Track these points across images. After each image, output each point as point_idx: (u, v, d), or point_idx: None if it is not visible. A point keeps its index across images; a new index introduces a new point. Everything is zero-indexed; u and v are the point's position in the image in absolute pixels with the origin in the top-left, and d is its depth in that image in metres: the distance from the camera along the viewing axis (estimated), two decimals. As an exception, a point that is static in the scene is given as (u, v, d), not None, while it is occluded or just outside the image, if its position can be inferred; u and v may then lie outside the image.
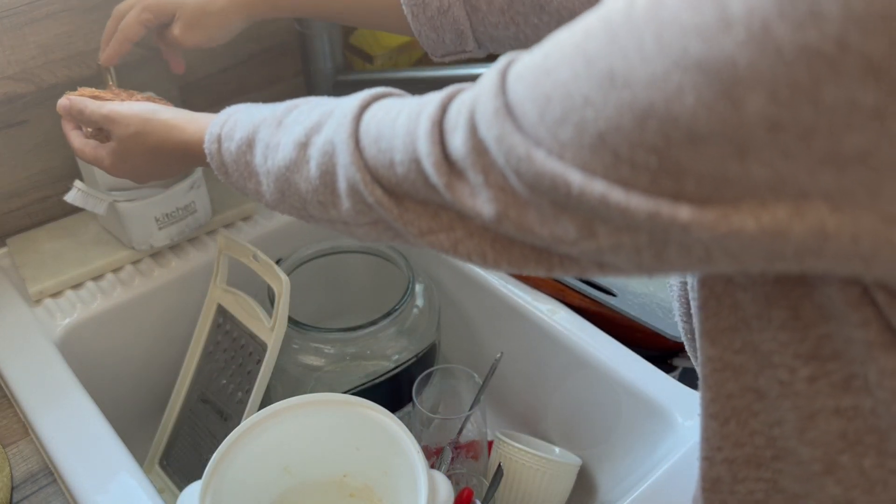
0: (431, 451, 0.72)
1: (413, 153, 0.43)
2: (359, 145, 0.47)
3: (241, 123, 0.56)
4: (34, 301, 0.76)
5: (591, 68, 0.33)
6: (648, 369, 0.69)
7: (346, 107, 0.49)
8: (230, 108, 0.59)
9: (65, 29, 0.76)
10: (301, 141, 0.50)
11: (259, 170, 0.54)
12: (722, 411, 0.44)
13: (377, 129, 0.46)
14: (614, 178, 0.33)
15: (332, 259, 0.83)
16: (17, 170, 0.79)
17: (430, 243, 0.46)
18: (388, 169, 0.45)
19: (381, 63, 0.91)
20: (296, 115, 0.53)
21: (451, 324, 0.86)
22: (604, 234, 0.36)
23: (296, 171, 0.51)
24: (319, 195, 0.50)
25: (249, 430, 0.58)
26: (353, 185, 0.47)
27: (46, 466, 0.63)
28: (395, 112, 0.45)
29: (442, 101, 0.43)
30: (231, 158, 0.56)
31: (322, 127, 0.50)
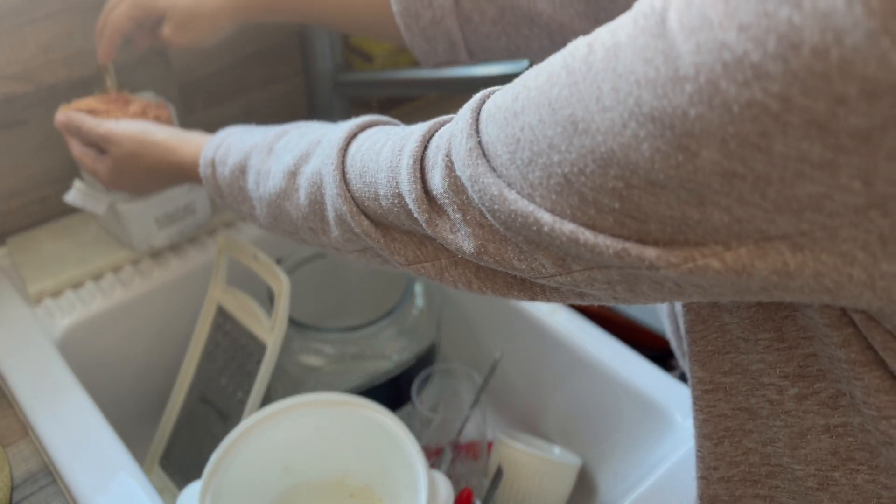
0: (431, 451, 0.72)
1: (395, 188, 0.44)
2: (345, 177, 0.48)
3: (234, 149, 0.57)
4: (34, 301, 0.76)
5: (556, 115, 0.34)
6: (648, 369, 0.69)
7: (333, 137, 0.50)
8: (223, 132, 0.60)
9: (65, 29, 0.76)
10: (290, 170, 0.52)
11: (252, 195, 0.56)
12: (715, 431, 0.45)
13: (362, 161, 0.47)
14: (581, 219, 0.34)
15: (332, 259, 0.83)
16: (17, 170, 0.79)
17: (417, 271, 0.47)
18: (373, 201, 0.46)
19: (381, 63, 0.91)
20: (285, 142, 0.54)
21: (451, 324, 0.86)
22: (577, 269, 0.37)
23: (286, 198, 0.53)
24: (309, 222, 0.52)
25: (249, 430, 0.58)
26: (340, 215, 0.49)
27: (46, 466, 0.63)
28: (380, 145, 0.46)
29: (423, 137, 0.44)
30: (225, 183, 0.58)
31: (310, 156, 0.51)
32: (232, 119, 0.93)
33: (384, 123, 0.51)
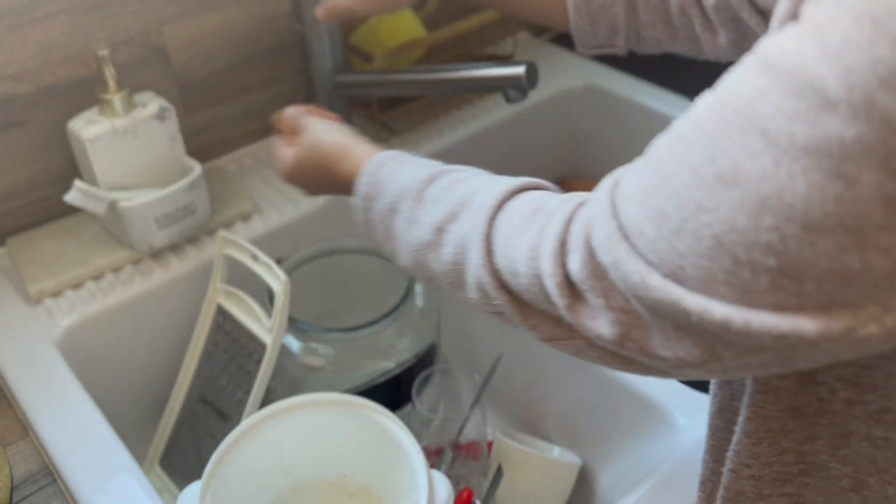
0: (431, 451, 0.72)
1: (536, 269, 0.44)
2: (489, 248, 0.48)
3: (386, 188, 0.58)
4: (34, 301, 0.76)
5: (700, 176, 0.33)
6: (648, 369, 0.69)
7: (483, 203, 0.50)
8: (374, 164, 0.60)
9: (64, 29, 0.76)
10: (438, 225, 0.52)
11: (399, 238, 0.56)
12: (756, 431, 0.45)
13: (507, 236, 0.47)
14: (734, 289, 0.33)
15: (332, 259, 0.83)
16: (17, 169, 0.79)
17: (554, 346, 0.47)
18: (513, 277, 0.47)
19: (381, 63, 0.91)
20: (435, 191, 0.54)
21: (451, 324, 0.86)
22: (728, 356, 0.36)
23: (430, 251, 0.53)
24: (449, 278, 0.52)
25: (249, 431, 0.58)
26: (480, 284, 0.49)
27: (46, 466, 0.63)
28: (527, 221, 0.47)
29: (566, 220, 0.43)
30: (377, 219, 0.58)
31: (458, 217, 0.52)
32: (232, 119, 0.93)
33: (535, 188, 0.51)
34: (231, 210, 0.85)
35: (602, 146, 1.09)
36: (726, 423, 0.48)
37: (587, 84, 1.09)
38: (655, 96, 1.04)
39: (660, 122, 1.08)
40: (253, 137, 0.97)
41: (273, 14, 0.91)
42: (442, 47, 1.00)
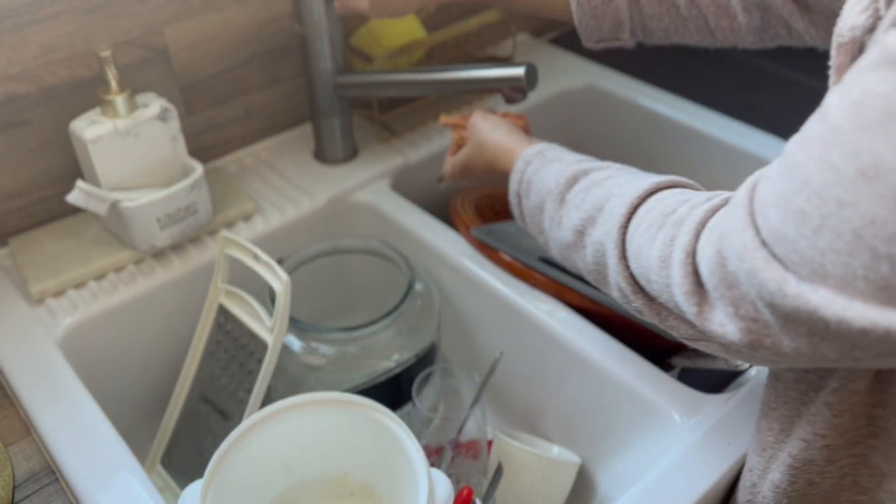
0: (431, 450, 0.72)
1: (666, 278, 0.46)
2: (624, 255, 0.51)
3: (534, 188, 0.63)
4: (36, 301, 0.76)
5: (840, 174, 0.35)
6: (647, 368, 0.69)
7: (615, 211, 0.53)
8: (522, 162, 0.65)
9: (66, 29, 0.77)
10: (578, 229, 0.57)
11: (548, 234, 0.62)
12: (840, 404, 0.47)
13: (638, 244, 0.50)
14: (873, 285, 0.34)
15: (333, 259, 0.84)
16: (19, 170, 0.80)
17: (695, 346, 0.49)
18: (646, 283, 0.49)
19: (381, 64, 0.91)
20: (574, 194, 0.58)
21: (451, 323, 0.86)
22: (867, 357, 0.37)
23: (574, 251, 0.58)
24: (594, 277, 0.57)
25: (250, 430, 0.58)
26: (619, 287, 0.52)
27: (48, 465, 0.63)
28: (656, 228, 0.49)
29: (695, 230, 0.45)
30: (528, 214, 0.64)
31: (595, 222, 0.55)
32: (234, 120, 0.94)
33: (668, 187, 0.53)
34: (232, 210, 0.85)
35: (602, 147, 1.09)
36: (800, 395, 0.50)
37: (586, 85, 1.09)
38: (654, 97, 1.04)
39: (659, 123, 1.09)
40: (254, 138, 0.97)
41: (274, 15, 0.91)
42: (442, 48, 1.01)
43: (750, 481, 0.56)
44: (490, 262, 0.81)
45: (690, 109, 1.01)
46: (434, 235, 0.85)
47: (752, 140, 0.95)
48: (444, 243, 0.84)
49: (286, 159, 0.95)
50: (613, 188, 0.55)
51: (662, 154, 1.00)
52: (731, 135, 0.96)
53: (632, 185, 0.53)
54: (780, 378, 0.52)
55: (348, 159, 0.94)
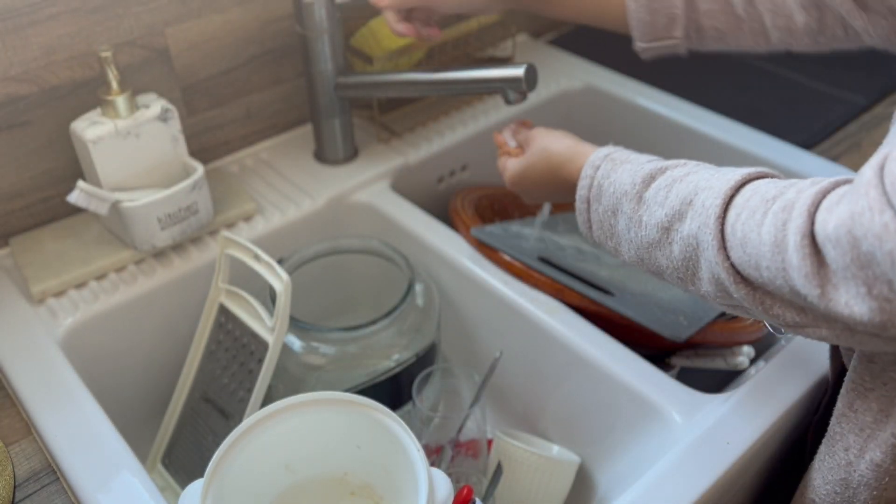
0: (432, 449, 0.73)
1: (781, 263, 0.46)
2: (724, 246, 0.50)
3: (606, 192, 0.61)
4: (37, 301, 0.76)
5: None
6: (646, 368, 0.69)
7: (708, 202, 0.52)
8: (591, 167, 0.64)
9: (67, 30, 0.77)
10: (664, 225, 0.55)
11: (622, 237, 0.60)
12: None
13: (743, 233, 0.49)
14: None
15: (333, 259, 0.84)
16: (20, 170, 0.80)
17: (795, 333, 0.49)
18: (754, 270, 0.48)
19: (381, 65, 0.92)
20: (654, 192, 0.57)
21: (450, 323, 0.86)
22: None
23: (657, 249, 0.56)
24: (679, 273, 0.55)
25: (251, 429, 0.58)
26: (717, 278, 0.51)
27: (49, 465, 0.64)
28: (760, 215, 0.48)
29: (809, 212, 0.45)
30: (597, 219, 0.62)
31: (684, 217, 0.54)
32: (234, 121, 0.94)
33: (757, 177, 0.52)
34: (233, 210, 0.85)
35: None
36: None
37: (586, 85, 1.09)
38: (653, 97, 1.04)
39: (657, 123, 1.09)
40: (255, 138, 0.97)
41: (275, 16, 0.91)
42: (442, 49, 1.01)
43: (845, 460, 0.56)
44: (490, 262, 0.81)
45: (690, 110, 1.01)
46: (434, 235, 0.85)
47: (752, 140, 0.95)
48: (444, 243, 0.84)
49: (287, 160, 0.95)
50: (700, 182, 0.54)
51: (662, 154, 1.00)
52: (730, 135, 0.96)
53: (721, 178, 0.53)
54: (874, 359, 0.53)
55: (349, 160, 0.94)
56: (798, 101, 1.06)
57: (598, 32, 1.24)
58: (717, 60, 1.15)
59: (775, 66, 1.13)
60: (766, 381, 0.67)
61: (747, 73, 1.12)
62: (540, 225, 0.87)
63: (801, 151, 0.93)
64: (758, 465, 0.67)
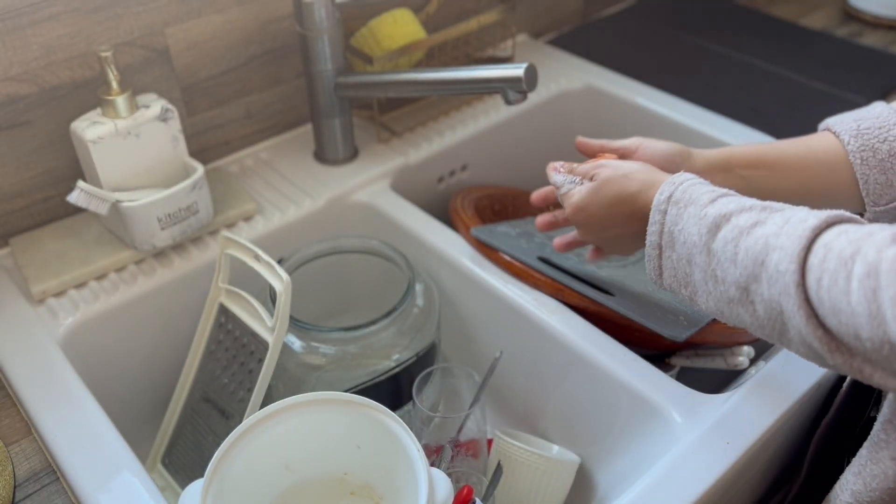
0: (431, 449, 0.73)
1: (884, 335, 0.43)
2: (815, 314, 0.47)
3: (678, 240, 0.58)
4: (37, 300, 0.76)
5: None
6: (646, 368, 0.69)
7: (782, 265, 0.49)
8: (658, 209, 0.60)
9: (67, 30, 0.77)
10: (741, 285, 0.52)
11: (698, 287, 0.57)
12: None
13: (831, 302, 0.46)
14: None
15: (333, 259, 0.84)
16: (20, 170, 0.80)
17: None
18: (854, 339, 0.45)
19: (381, 65, 0.92)
20: (722, 245, 0.54)
21: (450, 323, 0.86)
22: None
23: (739, 306, 0.53)
24: (766, 331, 0.53)
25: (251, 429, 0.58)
26: (808, 344, 0.48)
27: (49, 465, 0.64)
28: (844, 281, 0.45)
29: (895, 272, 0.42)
30: (670, 266, 0.59)
31: (760, 279, 0.51)
32: (234, 121, 0.94)
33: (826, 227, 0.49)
34: (233, 210, 0.85)
35: (601, 147, 1.09)
36: None
37: (586, 85, 1.09)
38: (653, 98, 1.04)
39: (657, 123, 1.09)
40: (255, 138, 0.97)
41: (274, 16, 0.91)
42: (442, 49, 1.01)
43: (893, 469, 0.55)
44: (490, 262, 0.81)
45: (690, 110, 1.01)
46: (434, 235, 0.85)
47: (752, 140, 0.95)
48: (444, 243, 0.84)
49: (287, 160, 0.95)
50: (769, 239, 0.50)
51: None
52: (731, 135, 0.96)
53: (789, 232, 0.49)
54: None
55: (349, 160, 0.94)
56: (798, 101, 1.06)
57: (598, 32, 1.25)
58: (717, 61, 1.15)
59: (775, 65, 1.13)
60: (766, 381, 0.67)
61: (747, 73, 1.12)
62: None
63: (801, 151, 0.93)
64: (758, 465, 0.67)
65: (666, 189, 0.60)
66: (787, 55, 1.16)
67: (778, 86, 1.09)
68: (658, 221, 0.59)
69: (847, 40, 1.20)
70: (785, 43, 1.19)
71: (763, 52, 1.16)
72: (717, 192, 0.58)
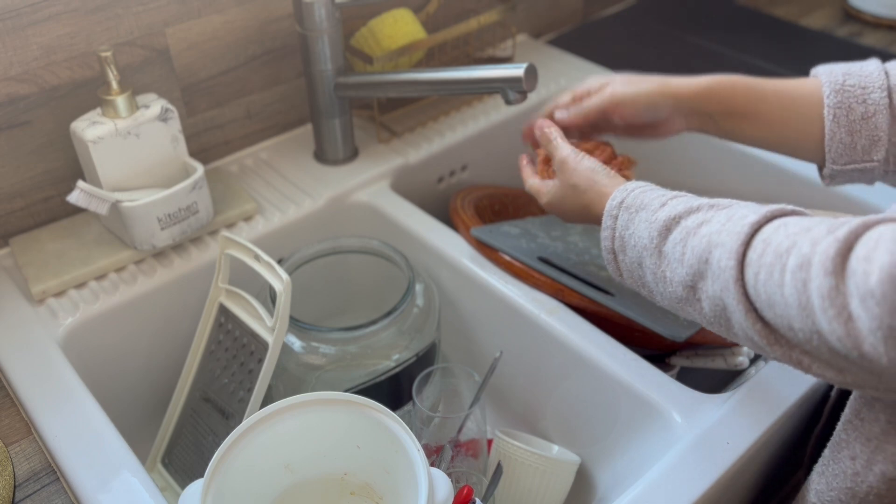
0: (431, 449, 0.73)
1: (813, 326, 0.44)
2: (753, 308, 0.49)
3: (628, 244, 0.60)
4: (37, 301, 0.76)
5: None
6: (646, 368, 0.69)
7: (723, 261, 0.50)
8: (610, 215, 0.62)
9: (67, 30, 0.77)
10: (688, 284, 0.54)
11: (652, 288, 0.59)
12: None
13: (766, 294, 0.47)
14: None
15: (333, 259, 0.84)
16: (20, 170, 0.80)
17: (840, 386, 0.48)
18: (788, 331, 0.47)
19: (381, 65, 0.92)
20: (672, 247, 0.56)
21: (450, 323, 0.86)
22: None
23: (688, 305, 0.55)
24: (714, 327, 0.54)
25: (251, 429, 0.58)
26: (750, 338, 0.50)
27: (49, 465, 0.64)
28: (778, 273, 0.46)
29: (831, 268, 0.42)
30: (626, 268, 0.62)
31: (704, 276, 0.52)
32: (234, 121, 0.94)
33: (766, 222, 0.50)
34: (233, 210, 0.85)
35: (601, 147, 1.09)
36: None
37: (586, 85, 1.09)
38: (654, 97, 1.04)
39: (658, 124, 1.08)
40: (255, 138, 0.97)
41: (274, 16, 0.91)
42: (442, 49, 1.01)
43: (852, 469, 0.55)
44: (490, 262, 0.81)
45: (690, 110, 1.01)
46: (434, 235, 0.85)
47: (752, 140, 0.95)
48: (444, 243, 0.84)
49: (287, 160, 0.95)
50: (712, 237, 0.52)
51: (661, 155, 1.00)
52: (730, 135, 0.96)
53: (730, 229, 0.51)
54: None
55: (348, 160, 0.94)
56: (798, 101, 1.06)
57: (598, 32, 1.25)
58: (717, 61, 1.15)
59: (775, 65, 1.13)
60: (766, 381, 0.67)
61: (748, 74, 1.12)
62: (540, 224, 0.87)
63: (801, 151, 0.93)
64: (758, 465, 0.67)
65: (618, 195, 0.62)
66: (787, 55, 1.16)
67: (778, 86, 1.09)
68: (610, 227, 0.62)
69: (847, 40, 1.20)
70: (785, 43, 1.19)
71: (763, 52, 1.16)
72: (668, 195, 0.60)
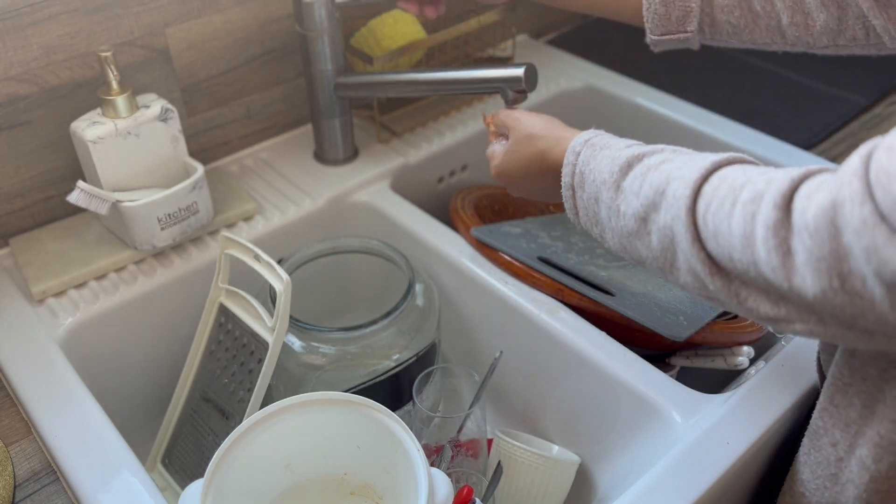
0: (431, 449, 0.73)
1: (751, 256, 0.45)
2: (699, 237, 0.50)
3: (587, 179, 0.60)
4: (37, 301, 0.76)
5: None
6: (646, 368, 0.69)
7: (678, 191, 0.51)
8: (573, 154, 0.62)
9: (67, 30, 0.77)
10: (640, 215, 0.54)
11: (605, 225, 0.59)
12: None
13: (714, 224, 0.48)
14: None
15: (333, 259, 0.84)
16: (21, 170, 0.80)
17: (771, 327, 0.49)
18: (728, 262, 0.48)
19: (381, 65, 0.92)
20: (631, 181, 0.56)
21: (450, 323, 0.86)
22: None
23: (637, 239, 0.56)
24: (659, 263, 0.54)
25: (251, 429, 0.58)
26: (693, 269, 0.50)
27: (49, 465, 0.64)
28: (729, 205, 0.47)
29: (779, 206, 0.43)
30: (582, 206, 0.61)
31: (658, 207, 0.53)
32: (234, 121, 0.94)
33: (727, 164, 0.51)
34: (233, 210, 0.85)
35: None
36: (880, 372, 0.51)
37: (586, 85, 1.09)
38: (653, 97, 1.04)
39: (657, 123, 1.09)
40: (255, 139, 0.97)
41: (275, 16, 0.91)
42: (442, 49, 1.01)
43: (834, 455, 0.56)
44: (490, 262, 0.81)
45: (690, 110, 1.01)
46: (434, 235, 0.85)
47: (752, 140, 0.95)
48: (444, 243, 0.84)
49: (287, 160, 0.95)
50: (672, 171, 0.53)
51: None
52: (730, 135, 0.96)
53: (691, 166, 0.52)
54: (854, 354, 0.53)
55: (349, 160, 0.95)
56: (798, 101, 1.06)
57: (598, 32, 1.25)
58: (718, 60, 1.15)
59: (775, 65, 1.13)
60: (765, 381, 0.67)
61: (747, 73, 1.12)
62: (540, 224, 0.87)
63: (801, 151, 0.93)
64: (757, 465, 0.67)
65: (586, 135, 0.63)
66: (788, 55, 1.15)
67: (778, 86, 1.09)
68: (571, 163, 0.62)
69: (847, 40, 1.20)
70: (785, 43, 1.19)
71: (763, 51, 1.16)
72: (634, 141, 0.61)
